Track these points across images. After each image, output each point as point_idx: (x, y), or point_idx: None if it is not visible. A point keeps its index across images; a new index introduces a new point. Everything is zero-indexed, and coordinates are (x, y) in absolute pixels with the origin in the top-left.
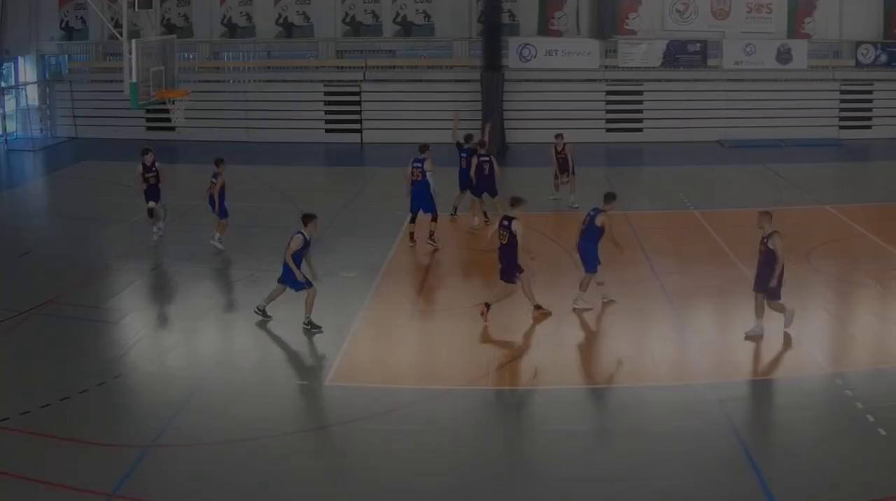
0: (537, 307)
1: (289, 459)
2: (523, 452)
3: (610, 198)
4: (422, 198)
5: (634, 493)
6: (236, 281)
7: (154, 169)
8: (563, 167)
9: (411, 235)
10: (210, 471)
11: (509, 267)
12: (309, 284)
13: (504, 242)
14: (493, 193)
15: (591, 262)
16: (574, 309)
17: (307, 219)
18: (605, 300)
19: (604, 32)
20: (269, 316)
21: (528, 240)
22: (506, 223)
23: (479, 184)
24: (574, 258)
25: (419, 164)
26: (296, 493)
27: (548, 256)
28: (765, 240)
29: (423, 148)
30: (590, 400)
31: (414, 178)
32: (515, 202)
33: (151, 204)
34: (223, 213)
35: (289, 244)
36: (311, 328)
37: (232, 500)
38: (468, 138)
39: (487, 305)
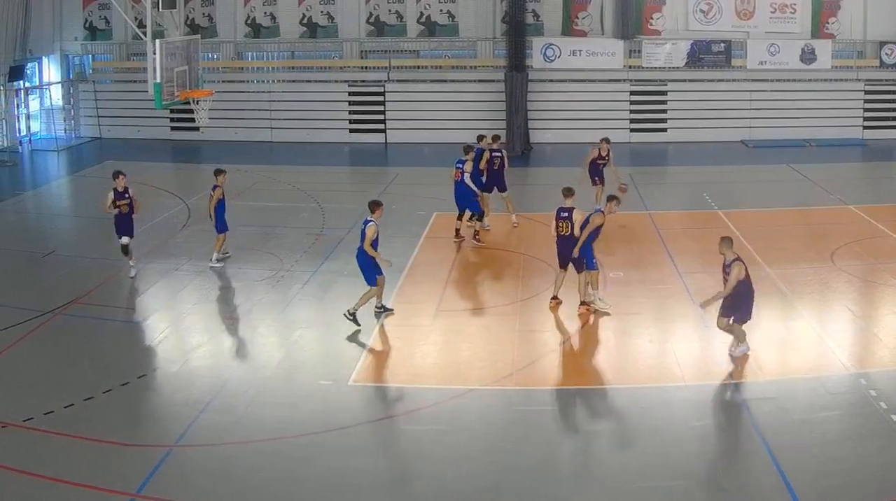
0: (584, 303)
1: (312, 459)
2: (545, 452)
3: (611, 198)
4: (464, 198)
5: (657, 493)
6: (260, 280)
7: (127, 195)
8: (600, 175)
9: (457, 232)
10: (233, 471)
11: (576, 257)
12: (380, 274)
13: (566, 233)
14: (503, 188)
15: (590, 261)
16: (597, 310)
17: (375, 205)
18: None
19: (628, 32)
20: (391, 309)
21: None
22: (565, 214)
23: (489, 179)
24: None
25: (460, 165)
26: (319, 493)
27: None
28: (726, 268)
29: (467, 149)
30: (612, 399)
31: (455, 178)
32: (568, 192)
33: (125, 239)
34: (221, 227)
35: (364, 234)
36: (382, 309)
37: (255, 500)
38: (480, 138)
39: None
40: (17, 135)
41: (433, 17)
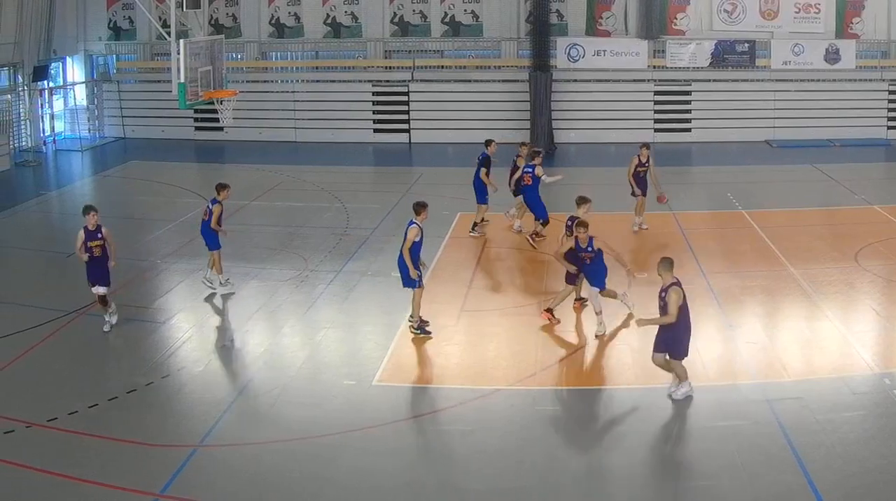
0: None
1: (336, 459)
2: (569, 452)
3: (582, 201)
4: (532, 203)
5: (682, 493)
6: (284, 281)
7: (100, 235)
8: (643, 185)
9: (536, 233)
10: (257, 471)
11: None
12: (420, 283)
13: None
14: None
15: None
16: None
17: (420, 207)
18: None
19: (652, 32)
20: (429, 333)
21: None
22: (569, 223)
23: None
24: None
25: (530, 170)
26: (344, 493)
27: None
28: (662, 293)
29: (535, 153)
30: (636, 399)
31: (525, 184)
32: (581, 201)
33: (101, 290)
34: (213, 244)
35: (406, 236)
36: (419, 331)
37: (279, 500)
38: (488, 142)
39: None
40: (42, 135)
41: (457, 17)
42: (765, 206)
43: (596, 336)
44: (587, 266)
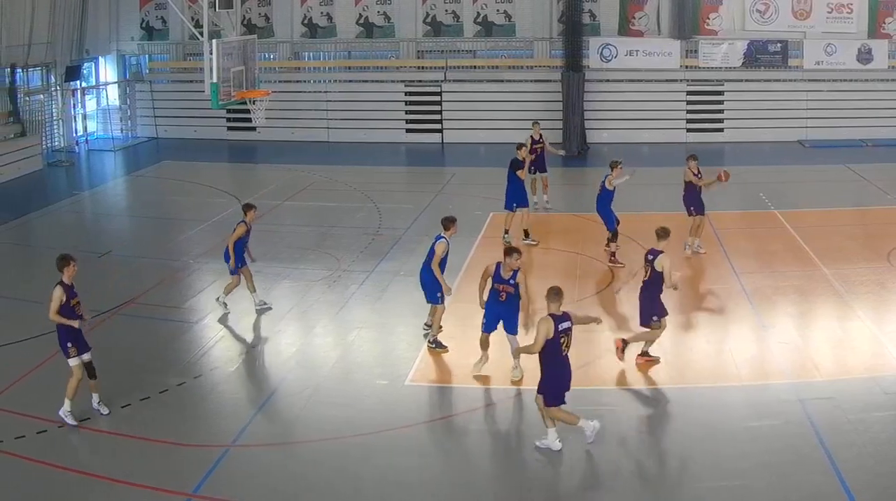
0: (644, 354)
1: (368, 459)
2: (599, 452)
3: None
4: (601, 212)
5: (714, 493)
6: (317, 280)
7: (75, 292)
8: (698, 204)
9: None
10: (290, 471)
11: (645, 308)
12: (443, 300)
13: (646, 278)
14: (544, 170)
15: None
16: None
17: (449, 222)
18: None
19: (684, 32)
20: (445, 347)
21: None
22: (650, 257)
23: (532, 163)
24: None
25: (603, 178)
26: (377, 493)
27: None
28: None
29: (614, 164)
30: (668, 399)
31: (598, 193)
32: (662, 234)
33: (86, 357)
34: (235, 269)
35: (434, 251)
36: (434, 344)
37: (312, 500)
38: (519, 146)
39: (624, 341)
40: (74, 135)
41: (490, 17)
42: (797, 206)
43: (512, 381)
44: (501, 304)
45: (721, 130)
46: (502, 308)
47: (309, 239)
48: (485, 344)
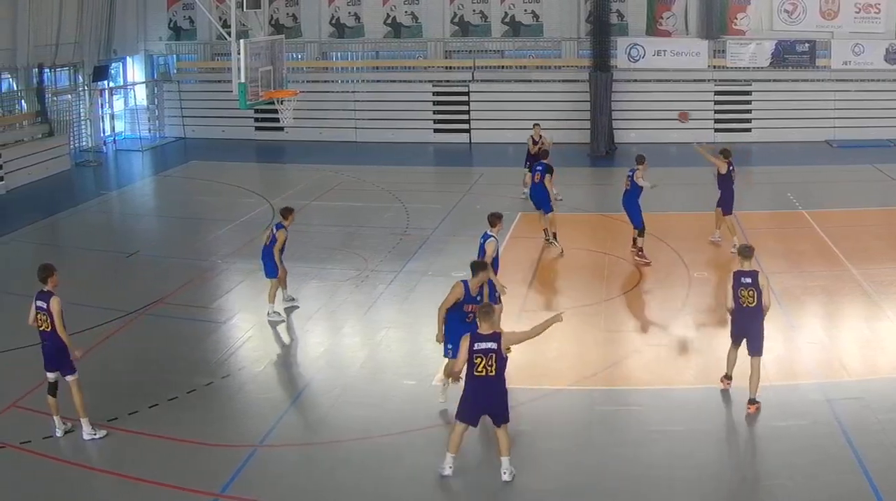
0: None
1: (396, 459)
2: (628, 452)
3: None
4: (627, 209)
5: (741, 493)
6: (344, 280)
7: (46, 306)
8: (729, 202)
9: (634, 241)
10: (318, 471)
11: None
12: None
13: (752, 304)
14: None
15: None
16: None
17: (496, 218)
18: None
19: (712, 32)
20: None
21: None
22: (748, 280)
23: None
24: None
25: (630, 174)
26: (404, 493)
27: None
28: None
29: (641, 159)
30: (696, 399)
31: (625, 188)
32: (748, 253)
33: (51, 376)
34: (272, 271)
35: (484, 251)
36: None
37: (340, 500)
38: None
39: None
40: (102, 135)
41: (517, 17)
42: (825, 206)
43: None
44: (466, 326)
45: (749, 130)
46: (468, 329)
47: (337, 239)
48: (448, 371)
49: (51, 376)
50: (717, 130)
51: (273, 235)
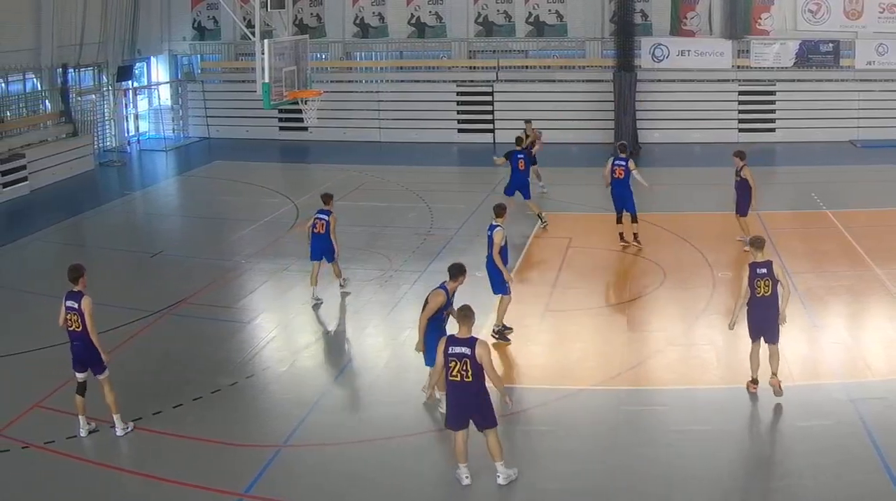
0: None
1: (420, 459)
2: (653, 452)
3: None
4: (623, 199)
5: (765, 492)
6: (368, 280)
7: (77, 306)
8: (744, 206)
9: (621, 235)
10: (341, 471)
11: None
12: (509, 289)
13: (767, 294)
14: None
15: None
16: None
17: (501, 209)
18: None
19: (736, 32)
20: (508, 339)
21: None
22: (763, 271)
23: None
24: None
25: (623, 163)
26: (428, 493)
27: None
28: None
29: (625, 147)
30: (720, 399)
31: (616, 177)
32: (759, 244)
33: (80, 376)
34: (332, 255)
35: (492, 241)
36: (499, 337)
37: (364, 500)
38: (518, 140)
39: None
40: (126, 135)
41: (542, 17)
42: (849, 206)
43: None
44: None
45: (773, 130)
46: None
47: (360, 239)
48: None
49: (80, 376)
50: (741, 130)
51: (325, 222)
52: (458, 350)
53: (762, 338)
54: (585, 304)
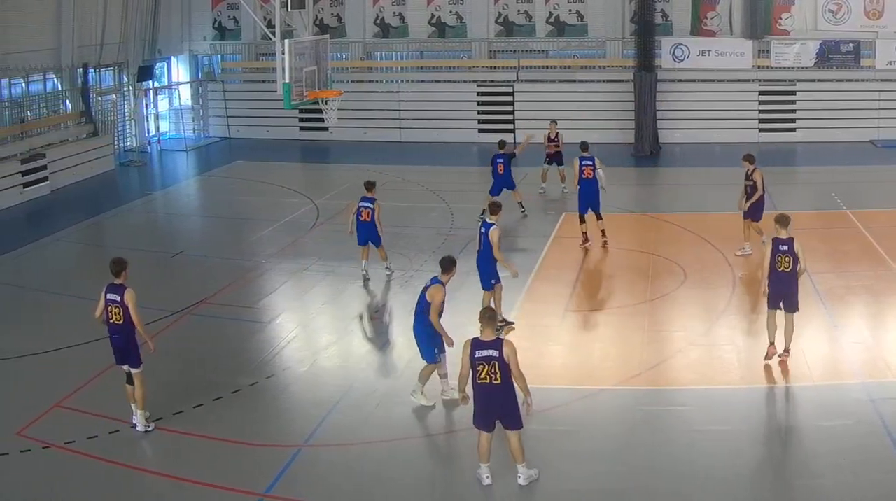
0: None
1: (440, 459)
2: (673, 452)
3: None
4: (593, 197)
5: (785, 492)
6: (389, 281)
7: (119, 299)
8: (755, 212)
9: (584, 235)
10: (362, 471)
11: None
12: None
13: (787, 269)
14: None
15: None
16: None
17: (496, 207)
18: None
19: (756, 32)
20: (511, 323)
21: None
22: (784, 247)
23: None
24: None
25: (590, 162)
26: (448, 493)
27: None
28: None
29: (584, 146)
30: (740, 399)
31: (585, 177)
32: (784, 221)
33: (125, 368)
34: (378, 239)
35: (488, 238)
36: (504, 324)
37: (385, 500)
38: (502, 143)
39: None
40: (147, 135)
41: (562, 17)
42: (869, 206)
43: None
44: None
45: (793, 130)
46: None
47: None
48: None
49: (125, 368)
50: (761, 131)
51: (370, 209)
52: (485, 353)
53: (781, 305)
54: (606, 304)
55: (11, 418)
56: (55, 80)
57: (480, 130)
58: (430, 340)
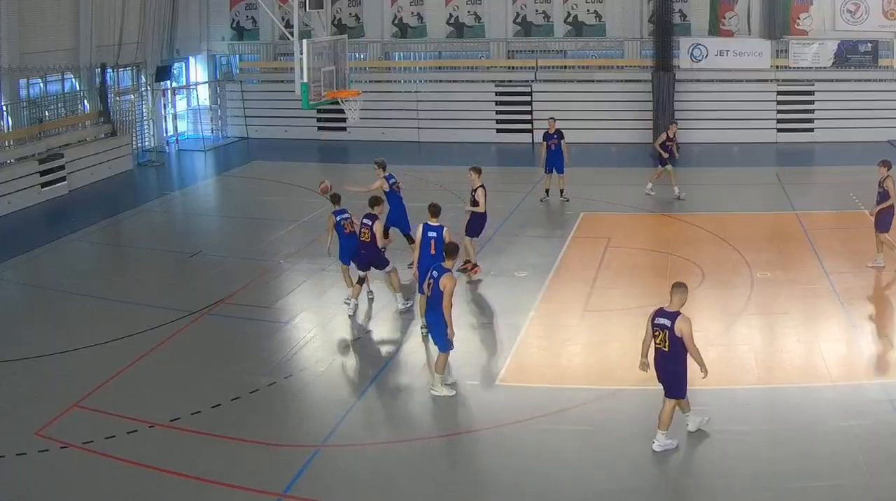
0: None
1: (459, 459)
2: (692, 452)
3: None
4: (558, 162)
5: (804, 492)
6: (406, 281)
7: (370, 223)
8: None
9: (546, 191)
10: (380, 471)
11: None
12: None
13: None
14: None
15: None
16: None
17: (435, 209)
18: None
19: (775, 33)
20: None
21: None
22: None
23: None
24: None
25: (554, 137)
26: (467, 493)
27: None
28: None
29: (551, 122)
30: (759, 399)
31: (551, 147)
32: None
33: (361, 274)
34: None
35: (440, 240)
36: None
37: (402, 500)
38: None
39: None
40: (165, 135)
41: (580, 18)
42: None
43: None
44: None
45: (811, 130)
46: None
47: (399, 238)
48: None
49: (362, 274)
50: (779, 131)
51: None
52: (661, 321)
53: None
54: (624, 304)
55: (30, 418)
56: (73, 80)
57: (498, 130)
58: (446, 329)
